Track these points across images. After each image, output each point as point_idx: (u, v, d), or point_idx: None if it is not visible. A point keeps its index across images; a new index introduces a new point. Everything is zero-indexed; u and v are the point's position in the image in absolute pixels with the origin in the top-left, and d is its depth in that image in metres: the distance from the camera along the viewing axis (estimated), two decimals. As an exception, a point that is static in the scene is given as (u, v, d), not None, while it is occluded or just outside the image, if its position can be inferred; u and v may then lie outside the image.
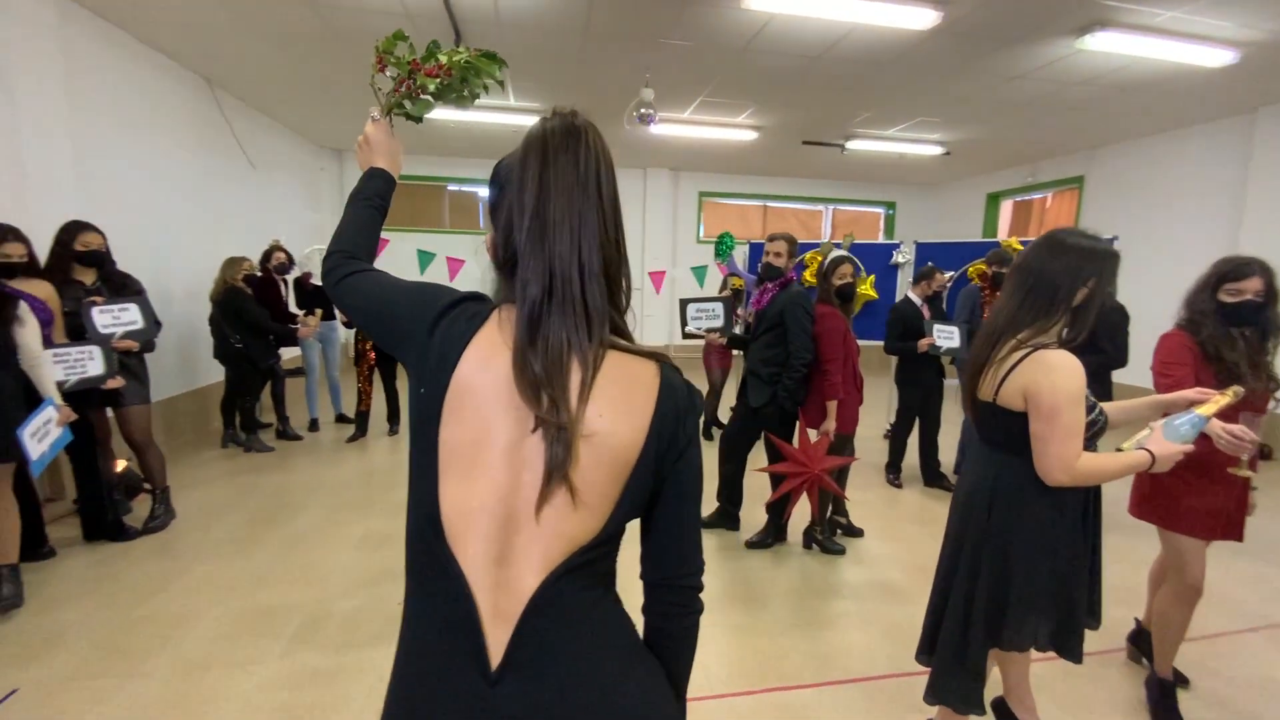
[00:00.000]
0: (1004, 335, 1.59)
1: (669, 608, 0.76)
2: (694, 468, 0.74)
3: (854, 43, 4.23)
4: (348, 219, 0.95)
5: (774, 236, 3.14)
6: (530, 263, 0.69)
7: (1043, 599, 1.57)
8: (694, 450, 0.74)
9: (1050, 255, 1.55)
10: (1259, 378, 1.95)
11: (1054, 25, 3.89)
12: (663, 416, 0.70)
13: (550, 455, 0.65)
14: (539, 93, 5.60)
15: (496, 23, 4.07)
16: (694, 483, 0.75)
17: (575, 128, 0.71)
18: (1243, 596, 2.93)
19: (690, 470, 0.74)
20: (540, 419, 0.65)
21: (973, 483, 1.69)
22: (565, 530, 0.67)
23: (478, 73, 1.06)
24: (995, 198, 8.63)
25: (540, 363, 0.66)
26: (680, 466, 0.72)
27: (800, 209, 9.75)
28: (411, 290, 0.78)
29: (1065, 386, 1.45)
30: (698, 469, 0.75)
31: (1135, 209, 6.57)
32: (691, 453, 0.73)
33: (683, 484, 0.73)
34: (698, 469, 0.75)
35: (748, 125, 6.47)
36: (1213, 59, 4.12)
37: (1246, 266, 1.95)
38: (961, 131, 6.45)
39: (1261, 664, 2.42)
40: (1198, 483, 1.99)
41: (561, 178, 0.69)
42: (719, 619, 2.65)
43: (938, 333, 3.90)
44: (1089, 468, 1.46)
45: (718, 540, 3.42)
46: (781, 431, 3.11)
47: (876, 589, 2.93)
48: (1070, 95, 5.18)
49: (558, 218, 0.68)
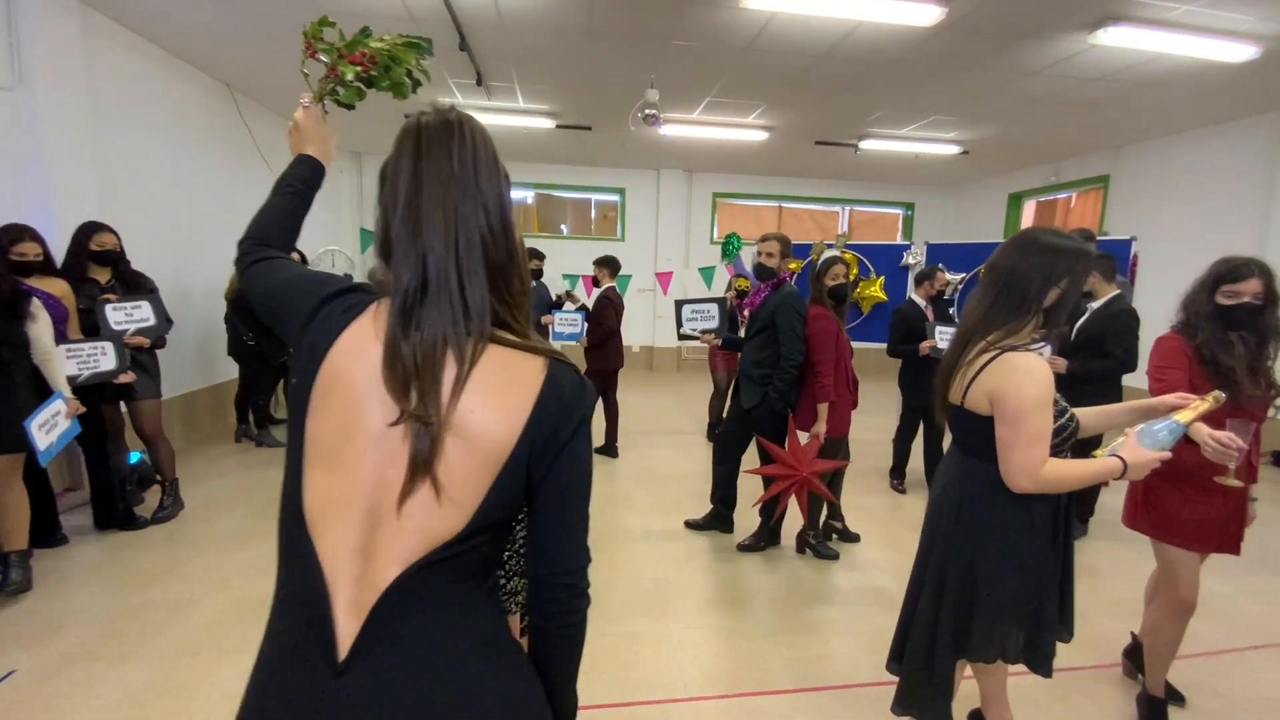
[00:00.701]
0: (974, 336, 1.55)
1: (546, 605, 0.75)
2: (578, 465, 0.73)
3: (858, 40, 4.17)
4: (265, 206, 0.97)
5: (766, 237, 3.11)
6: (404, 253, 0.69)
7: (1010, 609, 1.52)
8: (578, 447, 0.73)
9: (1022, 254, 1.51)
10: (1257, 384, 1.87)
11: (1065, 20, 3.78)
12: (541, 413, 0.70)
13: (415, 449, 0.66)
14: (546, 95, 5.65)
15: (499, 25, 4.12)
16: (577, 480, 0.74)
17: (449, 121, 0.72)
18: (1251, 611, 2.80)
19: (573, 467, 0.73)
20: (405, 412, 0.66)
21: (943, 487, 1.66)
22: (428, 525, 0.67)
23: (398, 61, 1.06)
24: (1017, 198, 8.40)
25: (412, 355, 0.67)
26: (562, 463, 0.72)
27: (816, 210, 9.64)
28: (303, 280, 0.79)
29: (1030, 390, 1.41)
30: (583, 466, 0.74)
31: (1161, 209, 6.33)
32: (575, 450, 0.73)
33: (564, 481, 0.73)
34: (583, 466, 0.74)
35: (758, 125, 6.42)
36: (1234, 54, 3.96)
37: (1245, 268, 1.87)
38: (978, 130, 6.31)
39: (1265, 684, 2.31)
40: (1191, 492, 1.92)
41: (436, 170, 0.69)
42: (700, 622, 2.63)
43: (940, 335, 3.81)
44: (1054, 474, 1.42)
45: (709, 542, 3.40)
46: (773, 433, 3.07)
47: (866, 596, 2.88)
48: (1089, 92, 5.02)
49: (431, 210, 0.69)
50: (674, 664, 2.34)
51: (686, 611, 2.70)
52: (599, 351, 4.68)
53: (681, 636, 2.52)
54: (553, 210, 9.30)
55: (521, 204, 9.17)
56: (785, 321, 2.97)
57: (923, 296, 4.05)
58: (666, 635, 2.52)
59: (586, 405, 0.74)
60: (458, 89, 5.49)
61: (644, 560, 3.17)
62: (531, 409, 0.69)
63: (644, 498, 4.05)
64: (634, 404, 6.77)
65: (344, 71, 1.03)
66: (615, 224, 9.27)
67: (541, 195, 9.13)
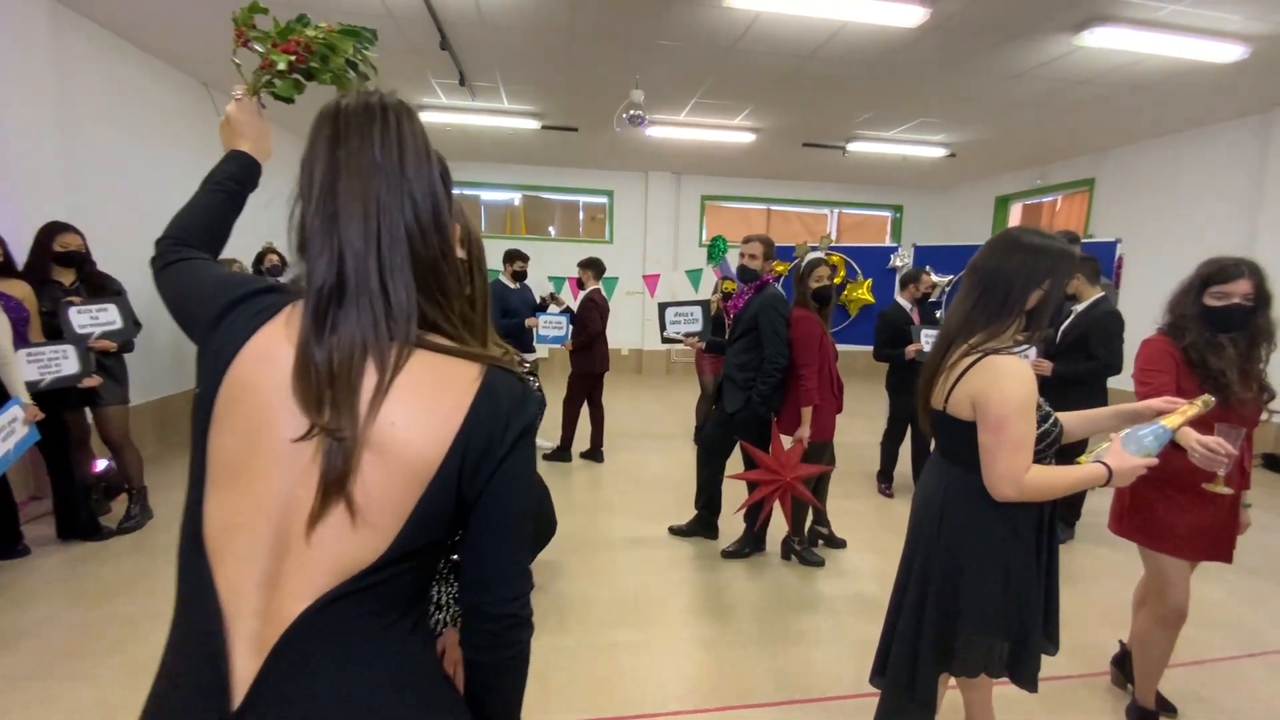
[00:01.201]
0: (957, 339, 1.50)
1: (479, 637, 0.68)
2: (516, 483, 0.66)
3: (843, 41, 4.14)
4: (189, 203, 0.90)
5: (749, 238, 3.05)
6: (318, 249, 0.62)
7: (994, 621, 1.47)
8: (517, 463, 0.66)
9: (1004, 255, 1.46)
10: (1248, 387, 1.83)
11: (1049, 22, 3.76)
12: (474, 425, 0.63)
13: (326, 467, 0.59)
14: (531, 95, 5.58)
15: (480, 23, 4.05)
16: (515, 499, 0.67)
17: (371, 106, 0.64)
18: (1245, 618, 2.77)
19: (510, 485, 0.66)
20: (316, 425, 0.59)
21: (925, 494, 1.60)
22: (341, 551, 0.60)
23: (336, 50, 0.99)
24: (1004, 201, 8.42)
25: (326, 362, 0.60)
26: (498, 481, 0.65)
27: (805, 212, 9.62)
28: (215, 282, 0.72)
29: (1013, 395, 1.35)
30: (522, 484, 0.67)
31: (1147, 212, 6.35)
32: (513, 466, 0.66)
33: (500, 500, 0.66)
34: (522, 484, 0.67)
35: (745, 127, 6.38)
36: (1222, 54, 3.95)
37: (1234, 268, 1.82)
38: (965, 133, 6.30)
39: (1261, 693, 2.27)
40: (1181, 499, 1.87)
41: (356, 158, 0.62)
42: (682, 632, 2.56)
43: (926, 338, 3.77)
44: (1038, 482, 1.36)
45: (693, 549, 3.33)
46: (757, 438, 3.01)
47: (851, 603, 2.82)
48: (1074, 95, 5.02)
49: (349, 201, 0.62)
50: (654, 677, 2.27)
51: (668, 621, 2.63)
52: (584, 355, 4.61)
53: (662, 648, 2.45)
54: (540, 212, 9.23)
55: (508, 205, 9.10)
56: (768, 324, 2.91)
57: (908, 299, 4.01)
58: (647, 646, 2.45)
59: (528, 416, 0.67)
60: (440, 89, 5.41)
61: (626, 568, 3.09)
62: (462, 421, 0.62)
63: (628, 503, 3.97)
64: (621, 407, 6.70)
65: (275, 60, 0.96)
66: (603, 226, 9.20)
67: (529, 197, 9.06)
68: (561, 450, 4.75)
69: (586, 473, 4.58)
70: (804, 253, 5.01)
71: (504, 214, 9.14)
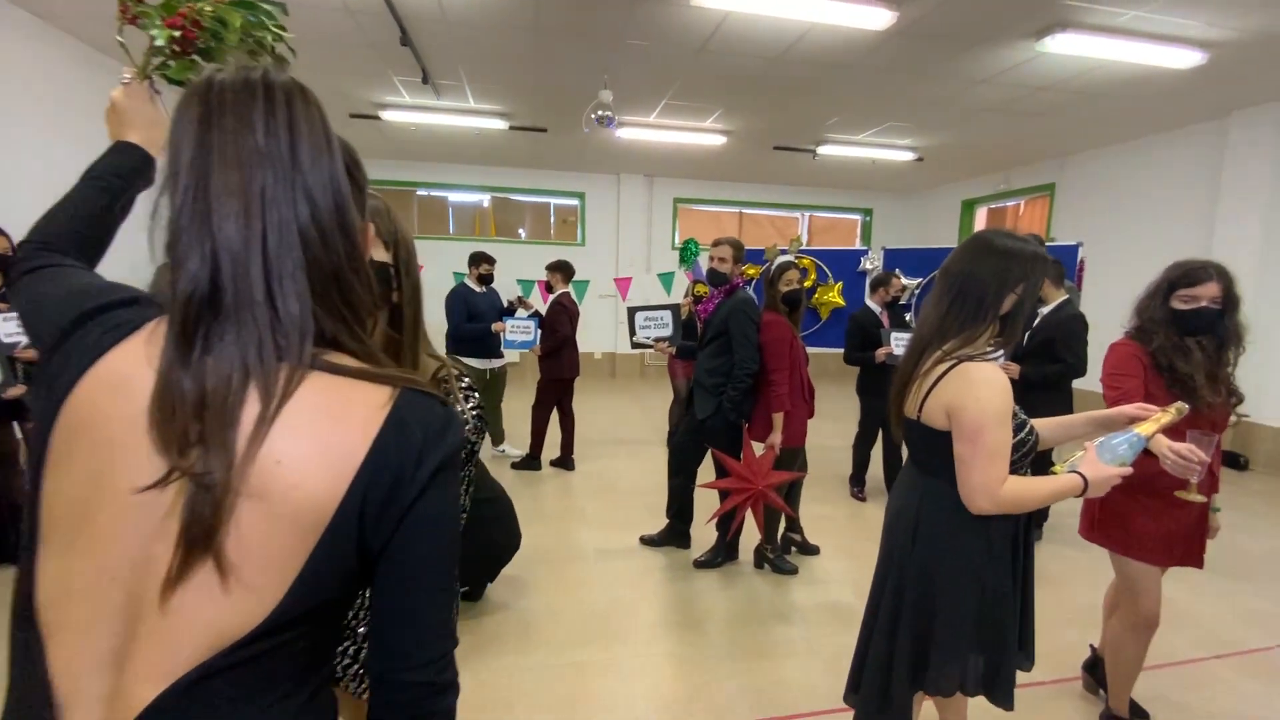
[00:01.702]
0: (930, 346, 1.44)
1: (389, 711, 0.57)
2: (432, 528, 0.56)
3: (812, 44, 4.12)
4: (61, 200, 0.77)
5: (719, 241, 2.99)
6: (185, 252, 0.51)
7: (969, 637, 1.41)
8: (435, 504, 0.56)
9: (977, 258, 1.41)
10: (1217, 391, 1.81)
11: (1012, 28, 3.79)
12: (380, 460, 0.53)
13: (189, 517, 0.48)
14: (498, 94, 5.45)
15: (442, 19, 3.92)
16: (431, 546, 0.56)
17: (253, 82, 0.53)
18: (1212, 619, 2.79)
19: (426, 531, 0.56)
20: (176, 469, 0.48)
21: (898, 506, 1.54)
22: (209, 620, 0.49)
23: (228, 25, 0.87)
24: (970, 205, 8.57)
25: (195, 389, 0.49)
26: (410, 526, 0.55)
27: (776, 216, 9.65)
28: (69, 293, 0.61)
29: (990, 404, 1.30)
30: (441, 529, 0.57)
31: (1105, 217, 6.50)
32: (429, 508, 0.55)
33: (412, 548, 0.55)
34: (441, 529, 0.57)
35: (716, 130, 6.35)
36: (1181, 60, 4.03)
37: (1202, 271, 1.81)
38: (932, 137, 6.37)
39: (1232, 695, 2.26)
40: (1151, 505, 1.85)
41: (233, 144, 0.51)
42: (652, 648, 2.47)
43: (896, 341, 3.76)
44: (1014, 494, 1.31)
45: (665, 559, 3.25)
46: (728, 445, 2.94)
47: (825, 613, 2.76)
48: (1036, 101, 5.09)
49: (224, 197, 0.51)
50: (622, 697, 2.17)
51: (638, 637, 2.54)
52: (553, 360, 4.50)
53: (631, 666, 2.35)
54: (510, 214, 9.07)
55: (477, 207, 8.92)
56: (738, 329, 2.85)
57: (878, 302, 4.00)
58: (615, 665, 2.35)
59: (447, 448, 0.57)
60: (403, 87, 5.25)
61: (595, 581, 2.99)
62: (365, 456, 0.52)
63: (599, 513, 3.87)
64: (594, 413, 6.58)
65: (156, 37, 0.84)
66: (575, 229, 9.09)
67: (498, 199, 8.89)
68: (530, 458, 4.62)
69: (556, 481, 4.46)
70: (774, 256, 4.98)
71: (473, 216, 8.96)
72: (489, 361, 4.58)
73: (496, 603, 2.75)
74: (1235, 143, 5.23)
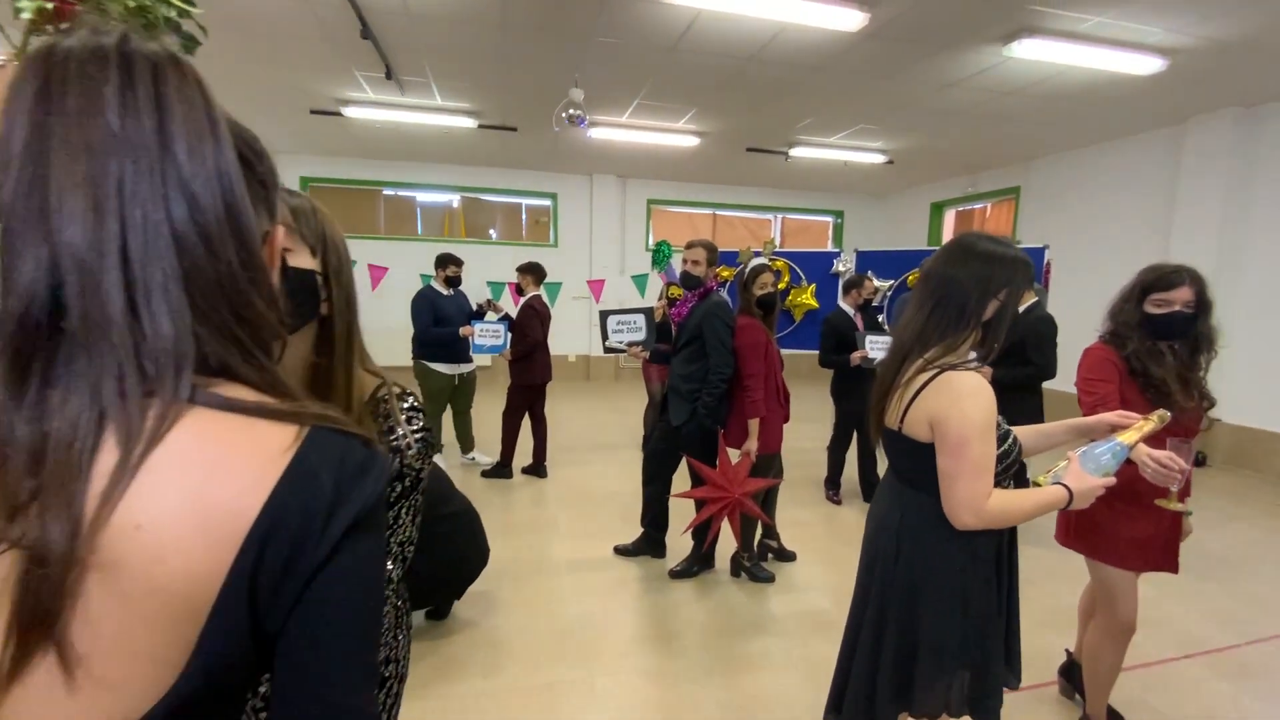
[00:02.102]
0: (911, 354, 1.39)
1: None
2: (344, 596, 0.46)
3: (784, 45, 4.09)
4: None
5: (692, 243, 2.92)
6: (16, 255, 0.41)
7: (955, 655, 1.36)
8: (346, 568, 0.45)
9: (958, 262, 1.36)
10: (1190, 395, 1.80)
11: (981, 32, 3.82)
12: (276, 519, 0.43)
13: (22, 601, 0.38)
14: (465, 92, 5.31)
15: (405, 12, 3.78)
16: (344, 621, 0.46)
17: (105, 50, 0.42)
18: (1179, 618, 2.82)
19: (335, 601, 0.45)
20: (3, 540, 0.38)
21: (880, 520, 1.49)
22: None
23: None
24: (939, 207, 8.69)
25: (33, 437, 0.39)
26: (315, 596, 0.45)
27: (750, 218, 9.66)
28: None
29: (974, 415, 1.25)
30: (356, 597, 0.47)
31: (1068, 220, 6.65)
32: (340, 572, 0.45)
33: (318, 624, 0.45)
34: (356, 597, 0.47)
35: (689, 131, 6.30)
36: (1141, 66, 4.12)
37: (1175, 275, 1.80)
38: (902, 140, 6.43)
39: (1205, 696, 2.28)
40: (1127, 510, 1.83)
41: (78, 127, 0.41)
42: (627, 665, 2.38)
43: (870, 344, 3.74)
44: (999, 509, 1.26)
45: (640, 569, 3.16)
46: (702, 452, 2.88)
47: (803, 622, 2.71)
48: (1003, 106, 5.16)
49: (67, 189, 0.41)
50: (595, 719, 2.08)
51: (612, 654, 2.45)
52: (524, 364, 4.38)
53: (604, 685, 2.26)
54: (480, 215, 8.89)
55: (446, 208, 8.72)
56: (712, 333, 2.78)
57: (851, 305, 3.99)
58: (588, 684, 2.26)
59: (366, 497, 0.47)
60: (366, 83, 5.07)
61: (568, 595, 2.89)
62: (257, 515, 0.42)
63: (572, 522, 3.77)
64: (567, 417, 6.47)
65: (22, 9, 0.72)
66: (548, 229, 8.96)
67: (468, 199, 8.71)
68: (501, 466, 4.49)
69: (528, 489, 4.34)
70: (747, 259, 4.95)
71: (442, 216, 8.76)
72: (457, 366, 4.44)
73: (464, 621, 2.63)
74: (1192, 148, 5.38)
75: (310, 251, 0.73)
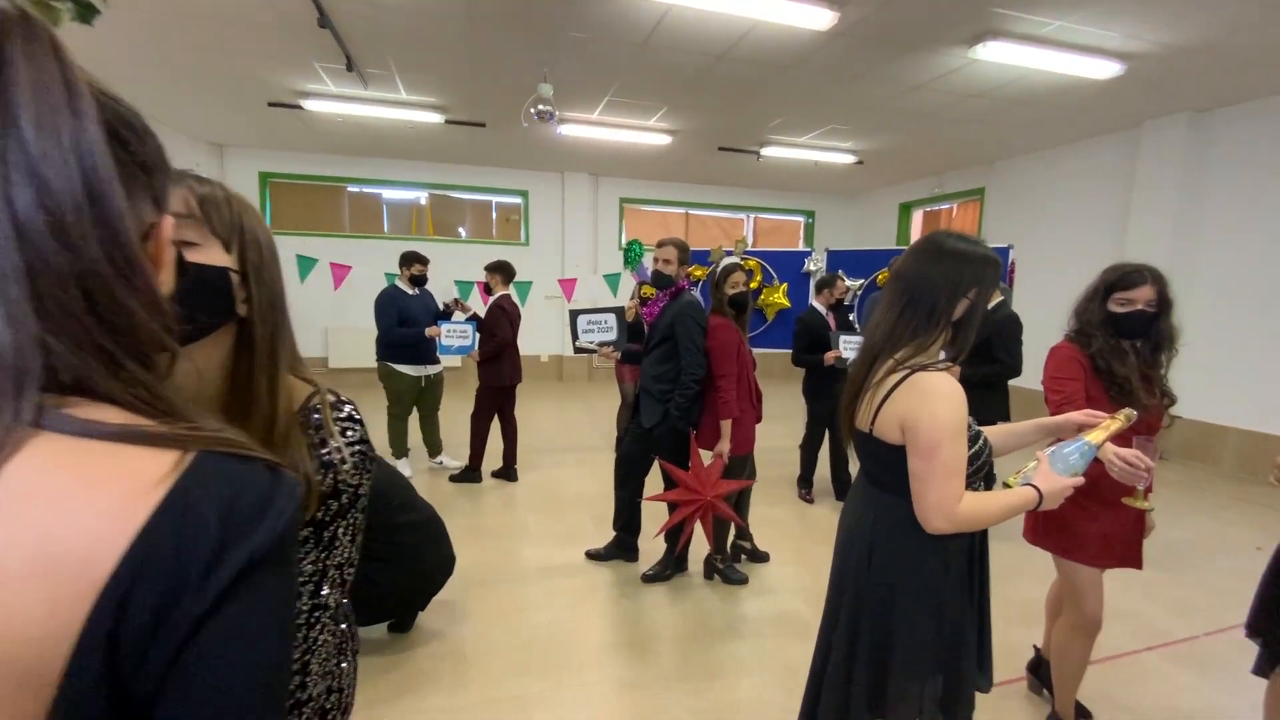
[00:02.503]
0: (881, 354, 1.36)
1: None
2: (235, 654, 0.38)
3: (755, 43, 4.07)
4: None
5: (663, 242, 2.88)
6: None
7: (928, 660, 1.34)
8: (238, 620, 0.38)
9: (928, 261, 1.34)
10: (1151, 393, 1.82)
11: (947, 34, 3.86)
12: (142, 566, 0.35)
13: None
14: (431, 86, 5.17)
15: (369, 1, 3.65)
16: (234, 687, 0.38)
17: None
18: (1140, 610, 2.87)
19: (223, 661, 0.37)
20: None
21: (852, 524, 1.46)
22: None
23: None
24: (907, 208, 8.82)
25: None
26: (197, 654, 0.36)
27: (723, 217, 9.68)
28: None
29: (945, 416, 1.23)
30: (251, 654, 0.39)
31: (1030, 220, 6.80)
32: (230, 626, 0.37)
33: (200, 691, 0.37)
34: (251, 654, 0.39)
35: (661, 129, 6.26)
36: (1100, 71, 4.21)
37: (1137, 274, 1.82)
38: (871, 141, 6.49)
39: (1167, 688, 2.31)
40: (1092, 507, 1.84)
41: None
42: (597, 674, 2.32)
43: (844, 344, 3.75)
44: (971, 512, 1.24)
45: (612, 574, 3.11)
46: (675, 454, 2.83)
47: (776, 624, 2.69)
48: (968, 108, 5.24)
49: None
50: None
51: (582, 663, 2.39)
52: (492, 366, 4.28)
53: (575, 695, 2.20)
54: (449, 212, 8.71)
55: (413, 205, 8.52)
56: (684, 333, 2.74)
57: (823, 304, 3.99)
58: (557, 696, 2.20)
59: (267, 534, 0.39)
60: (326, 74, 4.90)
61: (538, 603, 2.82)
62: (117, 564, 0.35)
63: (542, 527, 3.69)
64: (540, 419, 6.38)
65: None
66: (519, 228, 8.83)
67: (436, 196, 8.52)
68: (470, 470, 4.39)
69: (498, 494, 4.25)
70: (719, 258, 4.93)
71: (409, 214, 8.56)
72: (424, 368, 4.32)
73: (429, 632, 2.54)
74: (1147, 151, 5.54)
75: (223, 246, 0.66)
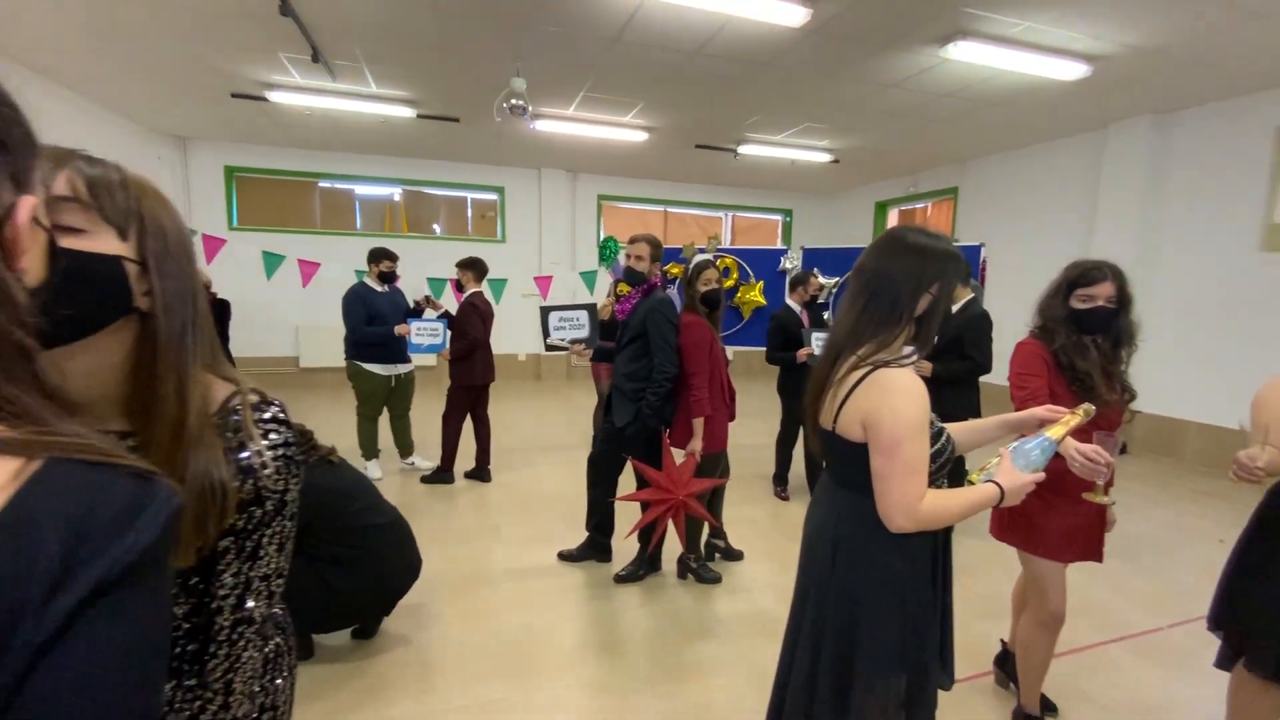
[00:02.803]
0: (844, 351, 1.35)
1: None
2: (84, 681, 0.34)
3: (729, 39, 4.06)
4: None
5: (635, 238, 2.84)
6: None
7: (892, 660, 1.33)
8: (86, 647, 0.34)
9: (890, 256, 1.33)
10: (1112, 388, 1.84)
11: (919, 32, 3.88)
12: None
13: None
14: (402, 79, 5.07)
15: (331, -9, 3.56)
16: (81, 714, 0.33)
17: None
18: (1104, 603, 2.92)
19: (67, 687, 0.33)
20: None
21: (816, 524, 1.44)
22: None
23: None
24: (883, 206, 8.91)
25: None
26: (37, 686, 0.32)
27: (701, 215, 9.67)
28: None
29: (906, 413, 1.21)
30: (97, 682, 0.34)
31: (1001, 219, 6.92)
32: (75, 652, 0.33)
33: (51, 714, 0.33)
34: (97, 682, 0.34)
35: (638, 125, 6.22)
36: (1067, 72, 4.28)
37: (1097, 271, 1.84)
38: (847, 140, 6.53)
39: (1131, 681, 2.34)
40: (1055, 502, 1.86)
41: None
42: (568, 678, 2.28)
43: (816, 341, 3.76)
44: (933, 510, 1.23)
45: (584, 575, 3.07)
46: (647, 453, 2.80)
47: (750, 623, 2.68)
48: (941, 108, 5.30)
49: None
50: (531, 738, 1.98)
51: (552, 666, 2.35)
52: (464, 365, 4.21)
53: (545, 700, 2.16)
54: (423, 209, 8.57)
55: (386, 201, 8.36)
56: (656, 331, 2.71)
57: (797, 302, 4.00)
58: (527, 702, 2.15)
59: (128, 549, 0.35)
60: (292, 65, 4.77)
61: (508, 605, 2.77)
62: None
63: (514, 528, 3.64)
64: (515, 418, 6.32)
65: None
66: (494, 225, 8.72)
67: (409, 192, 8.38)
68: (442, 471, 4.31)
69: (470, 495, 4.18)
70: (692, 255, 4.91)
71: (382, 210, 8.40)
72: (394, 367, 4.23)
73: (394, 638, 2.48)
74: (1112, 152, 5.66)
75: (117, 233, 0.60)
